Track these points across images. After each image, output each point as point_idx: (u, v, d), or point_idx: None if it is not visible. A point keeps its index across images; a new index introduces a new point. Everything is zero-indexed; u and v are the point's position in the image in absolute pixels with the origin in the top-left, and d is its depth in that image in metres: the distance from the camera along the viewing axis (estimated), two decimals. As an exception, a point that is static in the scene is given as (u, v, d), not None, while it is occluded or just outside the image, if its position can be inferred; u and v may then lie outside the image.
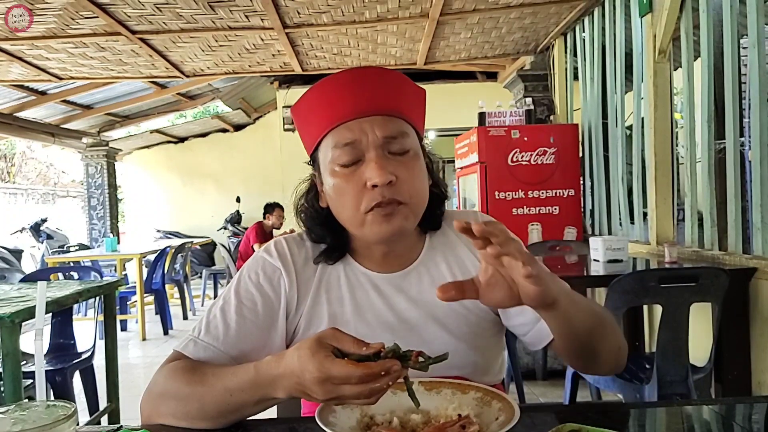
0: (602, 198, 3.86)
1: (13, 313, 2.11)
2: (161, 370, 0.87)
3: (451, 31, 4.18)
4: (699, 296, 2.04)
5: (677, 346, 2.02)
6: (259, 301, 0.92)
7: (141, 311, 5.18)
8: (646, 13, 3.06)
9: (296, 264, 0.96)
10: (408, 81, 0.94)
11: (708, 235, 2.69)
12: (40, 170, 17.02)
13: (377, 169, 0.86)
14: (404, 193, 0.88)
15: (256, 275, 0.95)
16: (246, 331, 0.90)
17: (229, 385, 0.78)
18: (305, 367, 0.69)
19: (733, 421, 0.82)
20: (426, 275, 0.97)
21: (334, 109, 0.89)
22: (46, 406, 0.50)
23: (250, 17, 3.63)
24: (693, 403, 0.91)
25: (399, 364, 0.68)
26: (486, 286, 0.75)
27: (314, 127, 0.92)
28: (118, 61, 4.43)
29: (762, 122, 2.34)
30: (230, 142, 9.14)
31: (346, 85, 0.90)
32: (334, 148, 0.89)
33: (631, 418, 0.85)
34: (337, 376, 0.67)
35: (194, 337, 0.90)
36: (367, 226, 0.89)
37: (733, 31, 2.49)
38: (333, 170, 0.90)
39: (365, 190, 0.87)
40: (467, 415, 0.74)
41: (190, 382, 0.82)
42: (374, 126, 0.88)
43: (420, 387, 0.83)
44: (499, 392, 0.79)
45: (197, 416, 0.80)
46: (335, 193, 0.91)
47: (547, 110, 4.65)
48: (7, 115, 6.20)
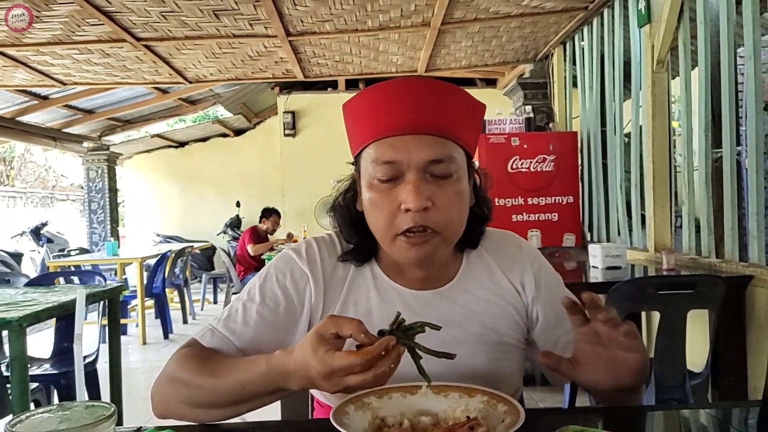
0: (601, 205, 3.91)
1: (20, 317, 2.13)
2: (175, 356, 0.88)
3: (452, 40, 4.23)
4: (696, 303, 2.07)
5: (675, 352, 2.06)
6: (282, 304, 0.92)
7: (142, 315, 5.19)
8: (644, 24, 3.10)
9: (325, 272, 0.95)
10: (466, 96, 0.89)
11: (705, 243, 2.73)
12: (38, 174, 17.02)
13: (413, 194, 0.82)
14: (438, 221, 0.85)
15: (283, 276, 0.94)
16: (264, 331, 0.90)
17: (241, 379, 0.80)
18: (309, 364, 0.71)
19: (729, 424, 0.85)
20: (461, 297, 0.95)
21: (381, 119, 0.86)
22: (86, 406, 0.53)
23: (254, 25, 3.68)
24: (690, 407, 0.94)
25: (395, 339, 0.69)
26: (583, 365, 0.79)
27: (360, 131, 0.89)
28: (122, 67, 4.47)
29: (758, 131, 2.38)
30: (230, 147, 9.18)
31: (399, 96, 0.86)
32: (374, 163, 0.86)
33: (630, 421, 0.88)
34: (340, 368, 0.68)
35: (213, 327, 0.91)
36: (396, 248, 0.87)
37: (729, 42, 2.54)
38: (371, 183, 0.87)
39: (399, 211, 0.85)
40: (475, 417, 0.77)
41: (202, 372, 0.83)
42: (420, 147, 0.84)
43: (428, 390, 0.86)
44: (504, 396, 0.83)
45: (209, 405, 0.83)
46: (370, 206, 0.88)
47: (546, 118, 4.69)
48: (10, 119, 6.23)
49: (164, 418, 0.87)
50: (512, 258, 0.98)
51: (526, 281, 0.97)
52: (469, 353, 0.91)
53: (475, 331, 0.92)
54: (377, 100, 0.87)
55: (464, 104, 0.88)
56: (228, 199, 8.90)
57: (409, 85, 0.86)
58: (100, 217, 7.94)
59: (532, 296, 0.97)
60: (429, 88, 0.86)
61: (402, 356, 0.72)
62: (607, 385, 0.79)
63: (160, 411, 0.86)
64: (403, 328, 0.73)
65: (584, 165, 4.11)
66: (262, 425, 0.87)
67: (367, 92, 0.88)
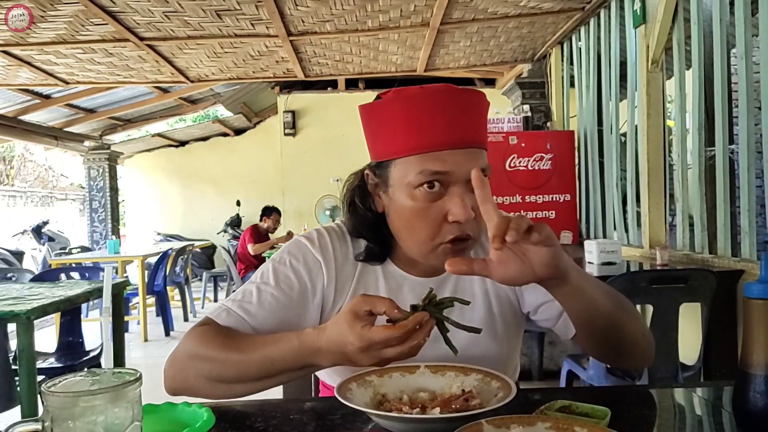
0: (597, 203, 3.96)
1: (28, 310, 2.19)
2: (192, 333, 0.90)
3: (451, 40, 4.28)
4: (688, 297, 2.13)
5: (667, 345, 2.11)
6: (295, 288, 0.95)
7: (143, 313, 5.24)
8: (639, 24, 3.16)
9: (337, 260, 0.98)
10: (480, 97, 0.91)
11: (699, 239, 2.79)
12: (38, 173, 17.05)
13: (462, 207, 0.85)
14: (476, 229, 0.89)
15: (297, 261, 0.97)
16: (277, 313, 0.93)
17: (270, 354, 0.82)
18: (347, 339, 0.74)
19: (720, 403, 0.91)
20: (465, 284, 0.99)
21: (425, 132, 0.86)
22: (113, 372, 0.58)
23: (256, 25, 3.73)
24: (681, 386, 0.99)
25: (428, 315, 0.75)
26: (498, 263, 0.77)
27: (396, 141, 0.89)
28: (125, 67, 4.52)
29: (750, 129, 2.44)
30: (231, 146, 9.23)
31: (440, 109, 0.86)
32: (420, 174, 0.86)
33: (619, 399, 0.93)
34: (379, 342, 0.73)
35: (227, 307, 0.93)
36: (437, 255, 0.89)
37: (723, 42, 2.59)
38: (412, 193, 0.88)
39: (444, 222, 0.87)
40: (470, 391, 0.82)
41: (227, 347, 0.85)
42: (467, 160, 0.86)
43: (426, 370, 0.91)
44: (497, 374, 0.88)
45: (234, 380, 0.85)
46: (409, 215, 0.89)
47: (544, 117, 4.75)
48: (12, 118, 6.28)
49: (177, 394, 0.89)
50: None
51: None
52: (477, 337, 0.94)
53: (481, 315, 0.97)
54: (419, 111, 0.86)
55: (482, 106, 0.91)
56: (228, 198, 8.95)
57: (449, 98, 0.87)
58: (101, 216, 7.99)
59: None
60: (467, 100, 0.88)
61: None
62: (524, 281, 0.78)
63: (174, 387, 0.89)
64: (434, 303, 0.78)
65: (581, 163, 4.16)
66: (268, 402, 0.93)
67: (400, 101, 0.88)
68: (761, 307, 0.72)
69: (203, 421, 0.67)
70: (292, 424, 0.84)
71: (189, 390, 0.88)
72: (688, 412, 0.91)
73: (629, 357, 0.94)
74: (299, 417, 0.88)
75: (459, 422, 0.69)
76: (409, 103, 0.87)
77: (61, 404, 0.52)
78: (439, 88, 0.87)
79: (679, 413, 0.92)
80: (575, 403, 0.80)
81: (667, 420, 0.88)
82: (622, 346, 0.91)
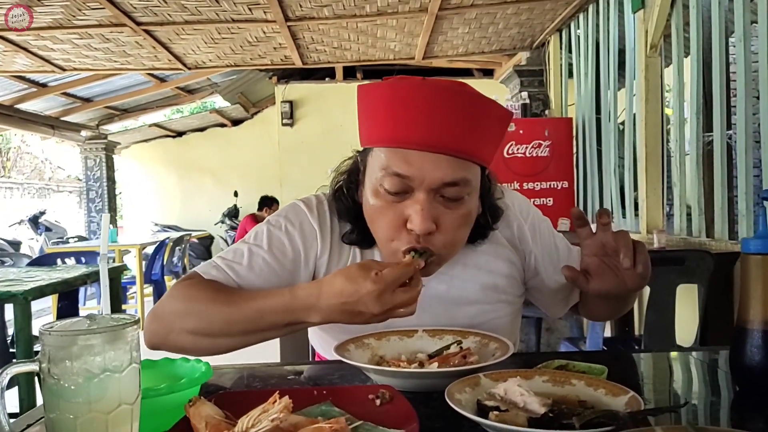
0: (595, 190, 3.96)
1: (25, 290, 2.19)
2: (177, 287, 0.87)
3: (449, 26, 4.27)
4: (685, 278, 2.13)
5: (664, 327, 2.11)
6: (288, 254, 0.93)
7: (141, 301, 5.25)
8: (638, 9, 3.15)
9: (333, 231, 0.96)
10: (495, 109, 0.84)
11: (696, 224, 2.79)
12: (35, 165, 17.01)
13: (421, 217, 0.80)
14: (439, 244, 0.84)
15: (293, 227, 0.95)
16: (266, 278, 0.91)
17: (261, 307, 0.80)
18: (359, 285, 0.73)
19: (716, 365, 0.91)
20: (462, 259, 0.96)
21: (399, 126, 0.81)
22: (111, 317, 0.58)
23: (253, 10, 3.71)
24: (678, 350, 1.00)
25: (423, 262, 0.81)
26: (595, 276, 0.84)
27: (374, 128, 0.86)
28: (122, 53, 4.50)
29: (747, 114, 2.44)
30: (228, 136, 9.21)
31: (423, 105, 0.79)
32: (384, 171, 0.82)
33: (616, 361, 0.94)
34: (393, 281, 0.73)
35: (217, 264, 0.91)
36: (397, 260, 0.84)
37: (721, 28, 2.59)
38: (377, 190, 0.85)
39: (402, 227, 0.83)
40: (468, 348, 0.83)
41: (216, 301, 0.82)
42: (436, 167, 0.80)
43: (424, 334, 0.92)
44: (495, 336, 0.88)
45: (220, 333, 0.82)
46: (372, 213, 0.87)
47: (542, 105, 4.74)
48: (8, 106, 6.25)
49: (156, 349, 0.85)
50: (506, 219, 1.01)
51: (521, 237, 1.02)
52: (470, 314, 0.96)
53: (475, 291, 0.97)
54: (399, 101, 0.81)
55: (492, 118, 0.84)
56: (226, 189, 8.93)
57: (438, 96, 0.80)
58: (98, 206, 7.98)
59: (528, 249, 1.02)
60: (459, 102, 0.80)
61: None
62: (617, 292, 0.85)
63: (155, 342, 0.85)
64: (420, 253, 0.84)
65: (579, 151, 4.16)
66: (266, 365, 0.93)
67: (390, 87, 0.83)
68: (759, 263, 0.73)
69: (201, 372, 0.67)
70: (289, 384, 0.84)
71: (170, 344, 0.85)
72: (684, 372, 0.92)
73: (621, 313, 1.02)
74: (296, 378, 0.88)
75: (457, 377, 0.69)
76: (394, 91, 0.82)
77: (59, 343, 0.52)
78: (442, 84, 0.81)
79: (675, 372, 0.92)
80: (572, 362, 0.80)
81: (663, 378, 0.89)
82: (621, 312, 0.99)
